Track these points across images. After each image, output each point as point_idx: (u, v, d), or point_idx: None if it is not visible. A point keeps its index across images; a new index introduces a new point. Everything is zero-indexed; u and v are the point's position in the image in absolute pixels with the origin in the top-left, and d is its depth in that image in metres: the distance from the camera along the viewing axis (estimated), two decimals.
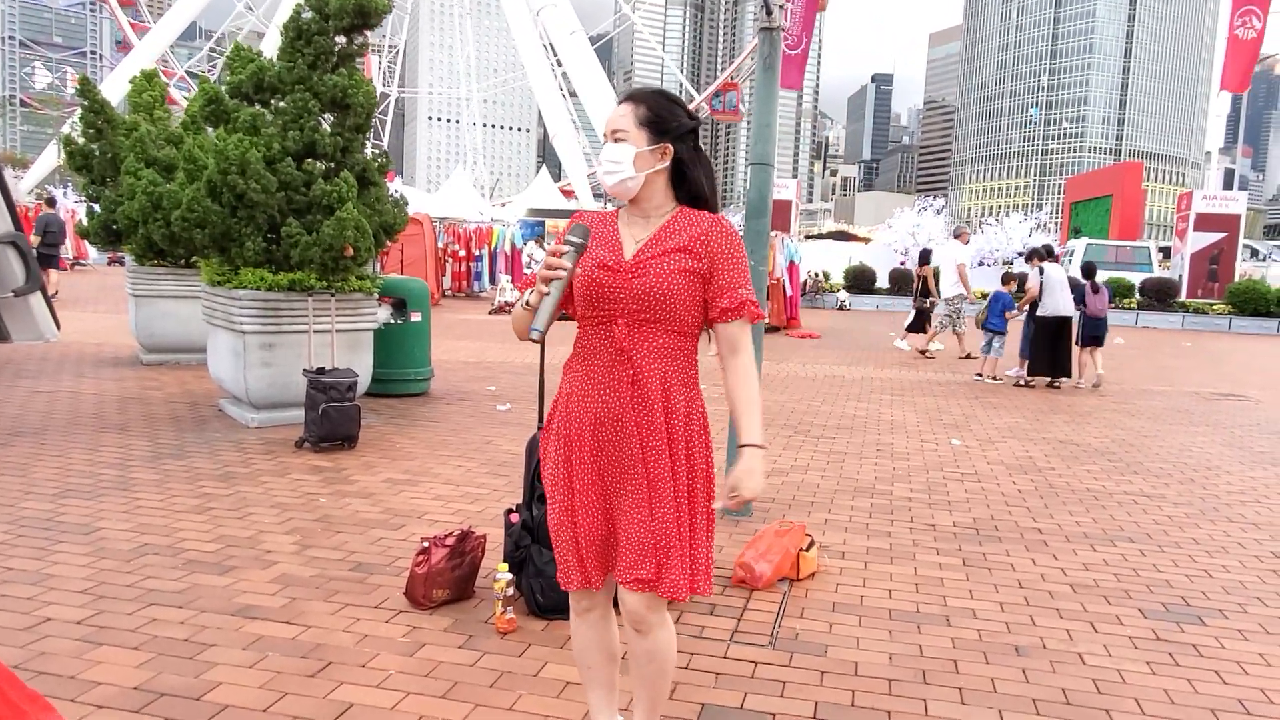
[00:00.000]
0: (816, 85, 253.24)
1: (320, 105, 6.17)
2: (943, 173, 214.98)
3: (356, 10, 6.14)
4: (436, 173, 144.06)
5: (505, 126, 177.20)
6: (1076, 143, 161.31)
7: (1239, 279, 24.51)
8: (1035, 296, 10.03)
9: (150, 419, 6.27)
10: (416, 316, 7.45)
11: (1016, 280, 11.37)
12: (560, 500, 1.99)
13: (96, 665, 2.69)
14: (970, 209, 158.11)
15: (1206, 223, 25.06)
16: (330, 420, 5.47)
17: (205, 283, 6.45)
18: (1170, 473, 6.02)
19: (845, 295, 24.80)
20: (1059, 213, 55.68)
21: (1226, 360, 14.50)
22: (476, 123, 77.60)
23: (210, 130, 6.71)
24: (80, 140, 9.24)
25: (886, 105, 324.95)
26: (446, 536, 3.29)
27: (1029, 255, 10.55)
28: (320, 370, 5.75)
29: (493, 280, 22.19)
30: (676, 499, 1.90)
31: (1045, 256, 10.32)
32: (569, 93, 44.58)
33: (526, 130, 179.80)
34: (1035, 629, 3.30)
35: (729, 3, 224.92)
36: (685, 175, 1.97)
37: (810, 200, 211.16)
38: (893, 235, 34.48)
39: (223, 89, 6.39)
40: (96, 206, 9.10)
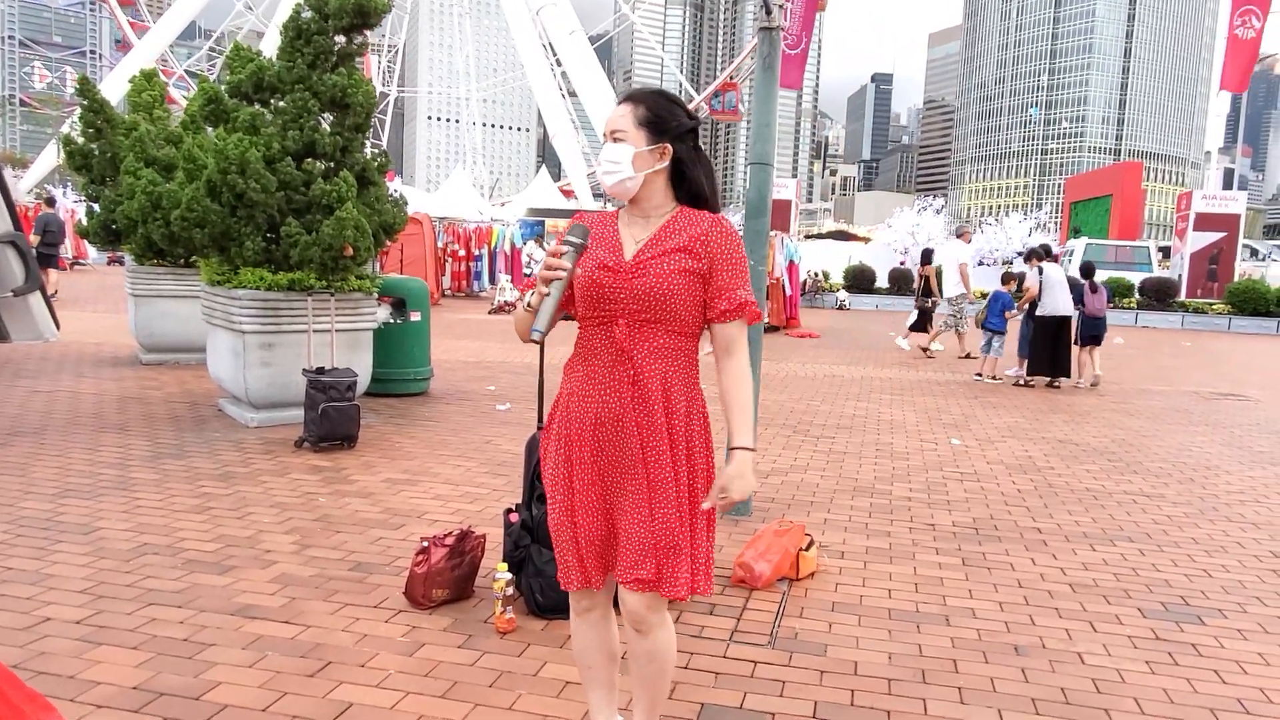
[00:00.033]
0: (816, 85, 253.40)
1: (320, 105, 6.18)
2: (942, 172, 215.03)
3: (356, 10, 6.14)
4: (436, 172, 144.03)
5: (505, 126, 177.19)
6: (1076, 142, 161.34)
7: (1238, 279, 24.54)
8: (1035, 296, 10.04)
9: (150, 419, 6.27)
10: (416, 316, 7.45)
11: (1016, 280, 11.37)
12: (560, 500, 1.99)
13: (96, 665, 2.69)
14: (970, 209, 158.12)
15: (1206, 222, 25.08)
16: (330, 420, 5.47)
17: (205, 282, 6.45)
18: (1170, 472, 6.03)
19: (845, 295, 24.82)
20: (1059, 212, 55.71)
21: (1226, 360, 14.51)
22: (476, 122, 77.58)
23: (210, 130, 6.71)
24: (80, 140, 9.24)
25: (886, 105, 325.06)
26: (446, 536, 3.29)
27: (1028, 255, 10.55)
28: (320, 370, 5.75)
29: (492, 280, 22.19)
30: (678, 499, 1.90)
31: (1044, 256, 10.33)
32: (568, 92, 44.61)
33: (526, 130, 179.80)
34: (1034, 628, 3.31)
35: (728, 2, 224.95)
36: (685, 175, 1.97)
37: (810, 200, 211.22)
38: (892, 235, 34.52)
39: (222, 88, 6.39)
40: (96, 206, 9.10)
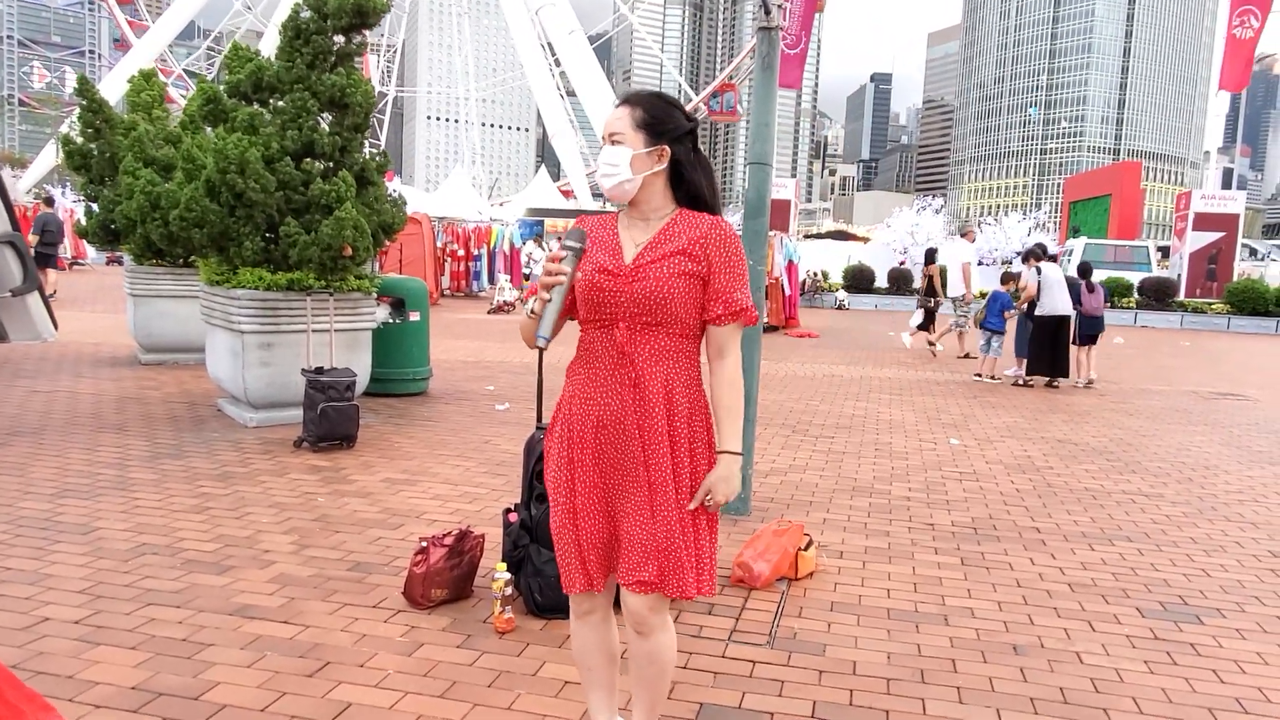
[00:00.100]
0: (815, 85, 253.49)
1: (319, 105, 6.17)
2: (941, 172, 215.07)
3: (355, 9, 6.14)
4: (435, 172, 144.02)
5: (504, 126, 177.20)
6: (1075, 142, 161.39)
7: (1237, 278, 24.55)
8: (1033, 296, 10.04)
9: (148, 419, 6.26)
10: (415, 316, 7.45)
11: (1015, 280, 11.37)
12: (562, 503, 1.99)
13: (94, 665, 2.69)
14: (969, 208, 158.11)
15: (1205, 222, 25.10)
16: (329, 420, 5.46)
17: (203, 282, 6.45)
18: (1168, 472, 6.03)
19: (844, 295, 24.81)
20: (1058, 212, 55.75)
21: (1225, 359, 14.51)
22: (475, 121, 77.59)
23: (209, 130, 6.71)
24: (78, 140, 9.24)
25: (885, 105, 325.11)
26: (445, 536, 3.29)
27: (1025, 256, 10.55)
28: (319, 370, 5.74)
29: (491, 280, 22.19)
30: (679, 501, 1.90)
31: (1041, 256, 10.33)
32: (568, 92, 44.64)
33: (525, 130, 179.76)
34: (1033, 628, 3.31)
35: (728, 2, 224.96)
36: (683, 177, 1.97)
37: (809, 200, 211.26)
38: (891, 235, 34.53)
39: (221, 88, 6.39)
40: (95, 206, 9.10)
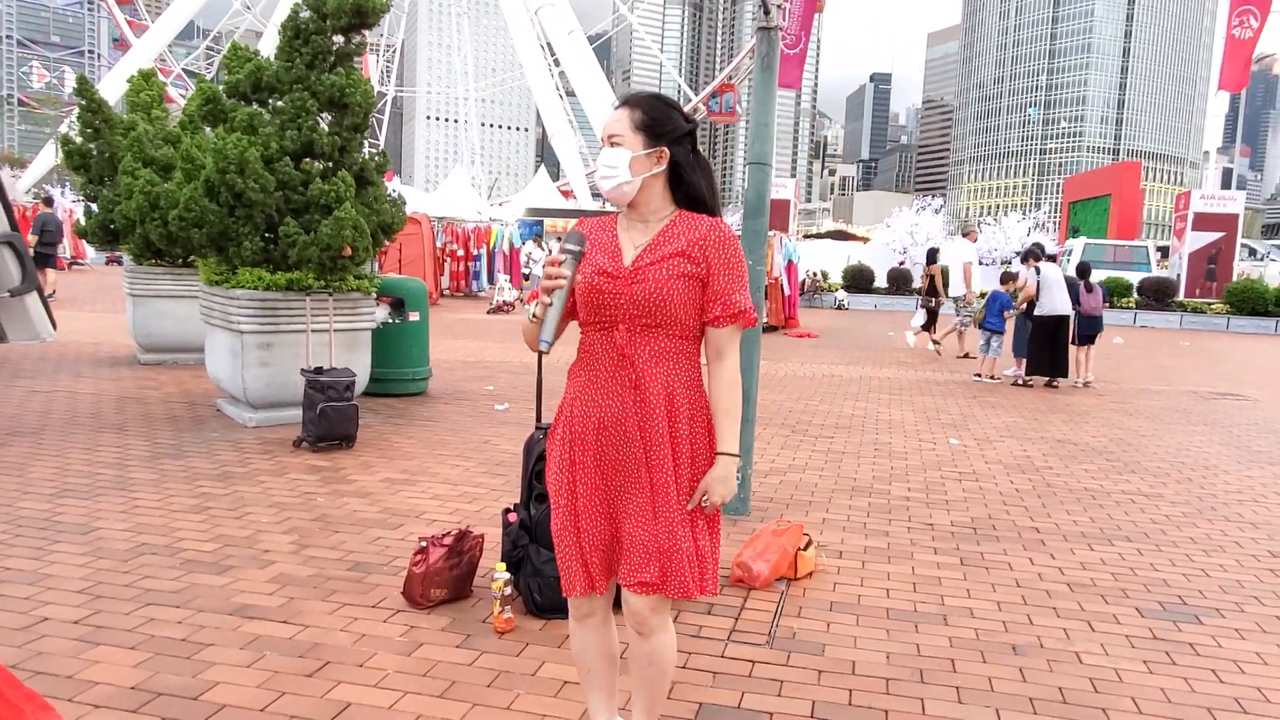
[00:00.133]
0: (815, 85, 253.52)
1: (318, 105, 6.17)
2: (941, 172, 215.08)
3: (354, 9, 6.14)
4: (435, 172, 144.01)
5: (503, 126, 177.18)
6: (1075, 142, 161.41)
7: (1237, 278, 24.56)
8: (1032, 296, 10.04)
9: (148, 419, 6.26)
10: (414, 316, 7.45)
11: (1014, 280, 11.38)
12: (563, 505, 1.99)
13: (94, 665, 2.69)
14: (968, 208, 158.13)
15: (1204, 222, 25.11)
16: (328, 420, 5.46)
17: (203, 282, 6.45)
18: (1168, 472, 6.03)
19: (843, 295, 24.82)
20: (1057, 212, 55.76)
21: (1224, 359, 14.51)
22: (474, 121, 77.59)
23: (208, 130, 6.71)
24: (78, 139, 9.24)
25: (885, 105, 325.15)
26: (444, 536, 3.29)
27: (1024, 256, 10.56)
28: (318, 370, 5.74)
29: (491, 280, 22.20)
30: (681, 502, 1.91)
31: (1040, 256, 10.34)
32: (567, 92, 44.66)
33: (525, 130, 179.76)
34: (1032, 628, 3.31)
35: (727, 2, 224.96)
36: (682, 178, 1.97)
37: (809, 200, 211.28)
38: (891, 235, 34.57)
39: (220, 88, 6.39)
40: (94, 206, 9.10)
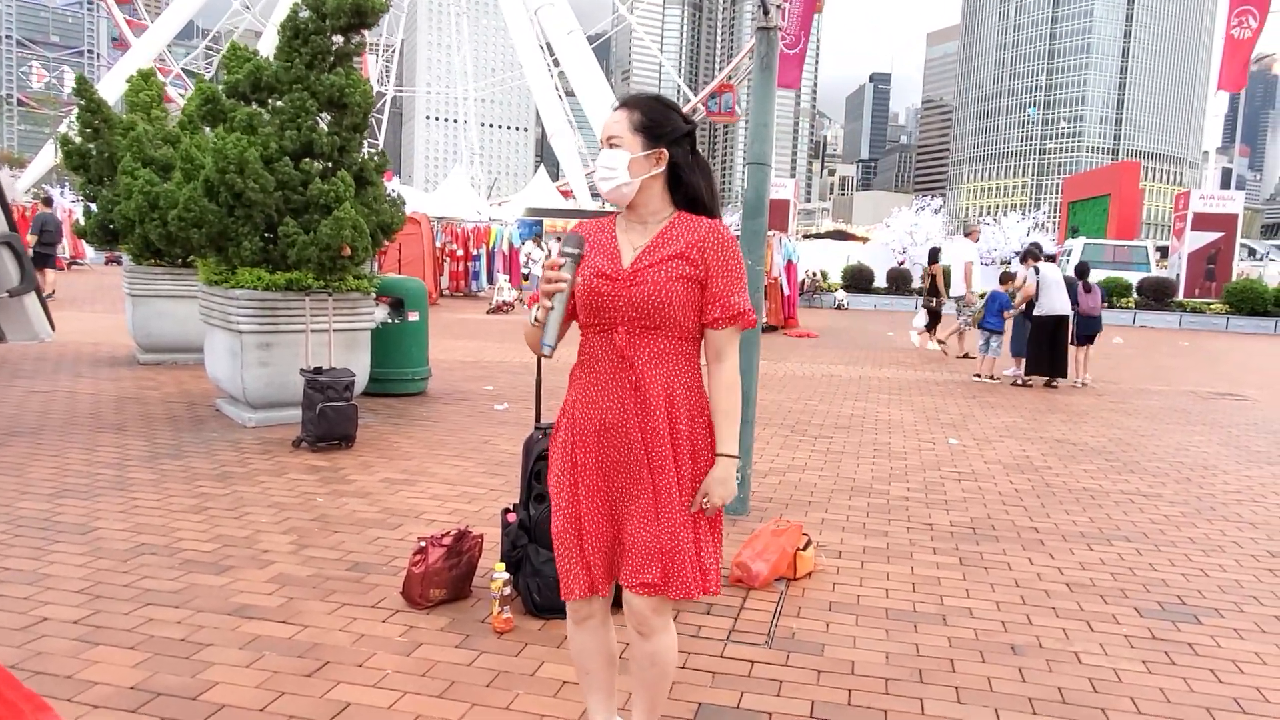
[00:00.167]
0: (814, 85, 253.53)
1: (317, 104, 6.17)
2: (940, 172, 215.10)
3: (353, 9, 6.14)
4: (434, 172, 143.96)
5: (503, 126, 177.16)
6: (1074, 142, 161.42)
7: (1236, 278, 24.58)
8: (1032, 295, 10.05)
9: (147, 419, 6.26)
10: (414, 316, 7.44)
11: (1013, 280, 11.39)
12: (565, 507, 1.98)
13: (93, 665, 2.69)
14: (968, 208, 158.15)
15: (1204, 222, 25.12)
16: (327, 420, 5.46)
17: (202, 282, 6.45)
18: (1167, 472, 6.03)
19: (843, 295, 24.83)
20: (1057, 212, 55.78)
21: (1223, 359, 14.52)
22: (474, 121, 77.55)
23: (207, 130, 6.71)
24: (77, 139, 9.23)
25: (884, 105, 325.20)
26: (443, 536, 3.29)
27: (1023, 256, 10.57)
28: (317, 370, 5.74)
29: (490, 280, 22.20)
30: (683, 503, 1.91)
31: (1039, 256, 10.36)
32: (566, 92, 44.67)
33: (524, 130, 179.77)
34: (1032, 628, 3.31)
35: (727, 2, 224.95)
36: (682, 180, 1.97)
37: (808, 200, 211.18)
38: (891, 235, 34.59)
39: (219, 88, 6.38)
40: (93, 206, 9.10)
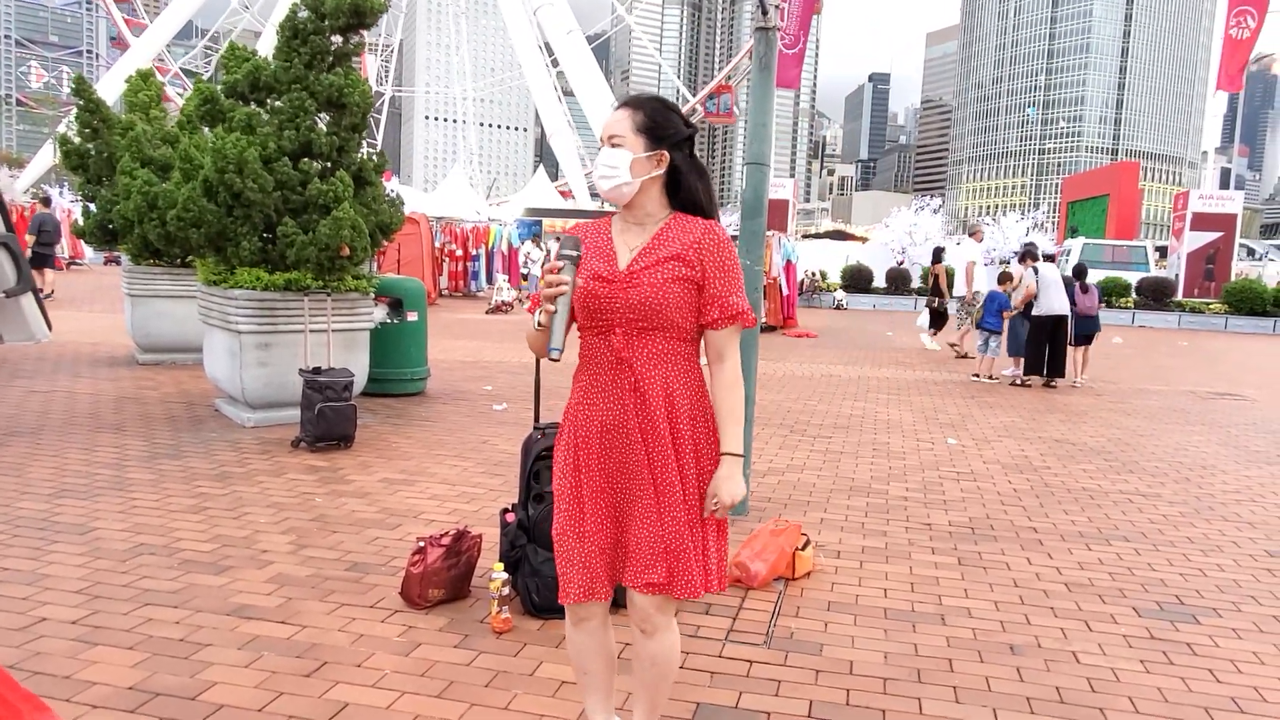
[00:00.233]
0: (814, 85, 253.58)
1: (316, 104, 6.17)
2: (940, 172, 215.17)
3: (352, 9, 6.14)
4: (434, 172, 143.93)
5: (502, 126, 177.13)
6: (1073, 142, 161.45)
7: (1235, 278, 24.59)
8: (1034, 294, 10.04)
9: (146, 419, 6.26)
10: (413, 316, 7.44)
11: (1012, 281, 11.39)
12: (567, 509, 1.98)
13: (92, 665, 2.69)
14: (967, 208, 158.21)
15: (1203, 222, 25.13)
16: (326, 420, 5.46)
17: (201, 282, 6.44)
18: (1166, 472, 6.04)
19: (842, 294, 24.83)
20: (1056, 212, 55.80)
21: (1223, 359, 14.53)
22: (473, 121, 77.52)
23: (206, 130, 6.71)
24: (76, 139, 9.23)
25: (884, 105, 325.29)
26: (442, 536, 3.29)
27: (1022, 256, 10.57)
28: (316, 370, 5.74)
29: (489, 280, 22.20)
30: (686, 502, 1.91)
31: (1037, 256, 10.37)
32: (565, 92, 44.69)
33: (524, 130, 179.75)
34: (1030, 628, 3.31)
35: (726, 2, 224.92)
36: (680, 183, 1.98)
37: (807, 200, 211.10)
38: (890, 235, 34.61)
39: (218, 88, 6.38)
40: (92, 206, 9.10)
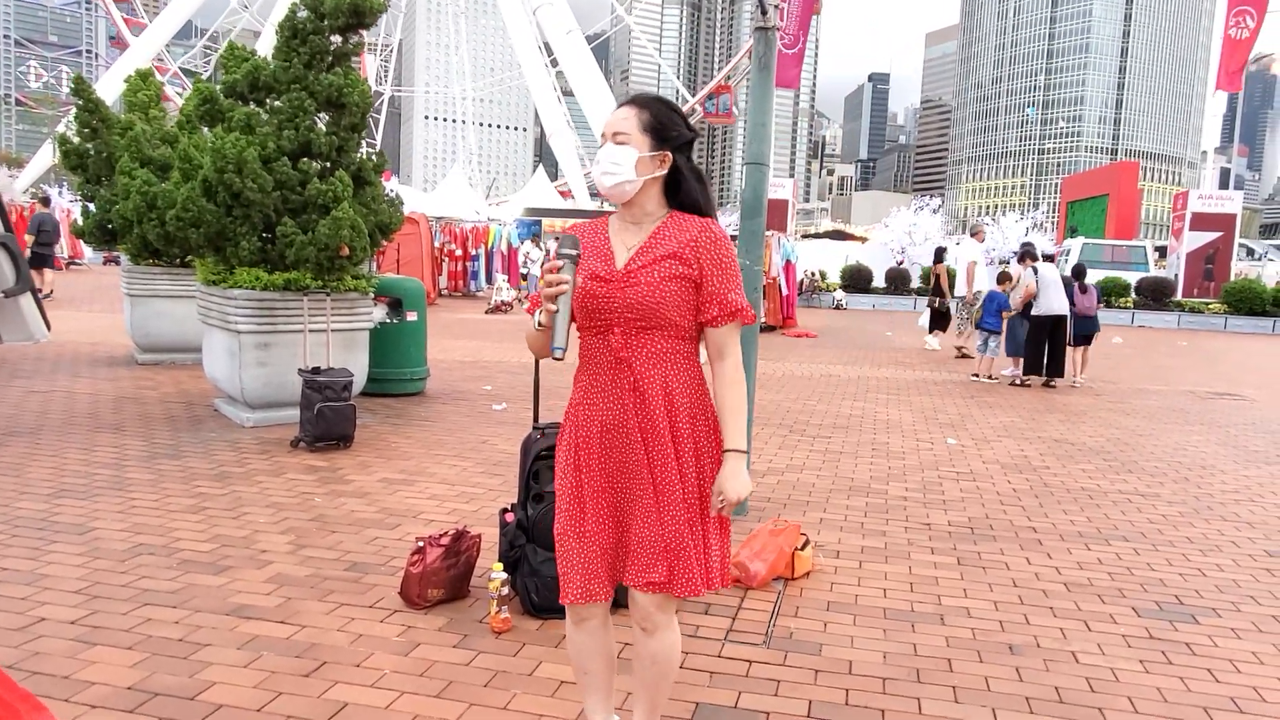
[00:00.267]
0: (813, 85, 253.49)
1: (316, 104, 6.17)
2: (939, 172, 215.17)
3: (351, 9, 6.13)
4: (433, 172, 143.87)
5: (501, 126, 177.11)
6: (1073, 142, 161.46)
7: (1235, 278, 24.60)
8: (1033, 295, 10.04)
9: (145, 419, 6.25)
10: (412, 316, 7.44)
11: (1010, 281, 11.40)
12: (568, 509, 1.98)
13: (91, 665, 2.69)
14: (967, 208, 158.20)
15: (1202, 222, 25.14)
16: (325, 420, 5.46)
17: (200, 282, 6.44)
18: (1165, 471, 6.04)
19: (842, 294, 24.83)
20: (1055, 212, 55.81)
21: (1222, 359, 14.53)
22: (472, 121, 77.50)
23: (205, 130, 6.71)
24: (75, 139, 9.23)
25: (883, 105, 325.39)
26: (441, 536, 3.29)
27: (1021, 256, 10.58)
28: (315, 370, 5.74)
29: (489, 280, 22.20)
30: (686, 501, 1.91)
31: (1036, 256, 10.37)
32: (565, 92, 44.69)
33: (523, 130, 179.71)
34: (1029, 628, 3.31)
35: (725, 2, 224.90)
36: (680, 185, 1.98)
37: (807, 200, 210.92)
38: (889, 234, 34.65)
39: (217, 88, 6.38)
40: (91, 206, 9.09)
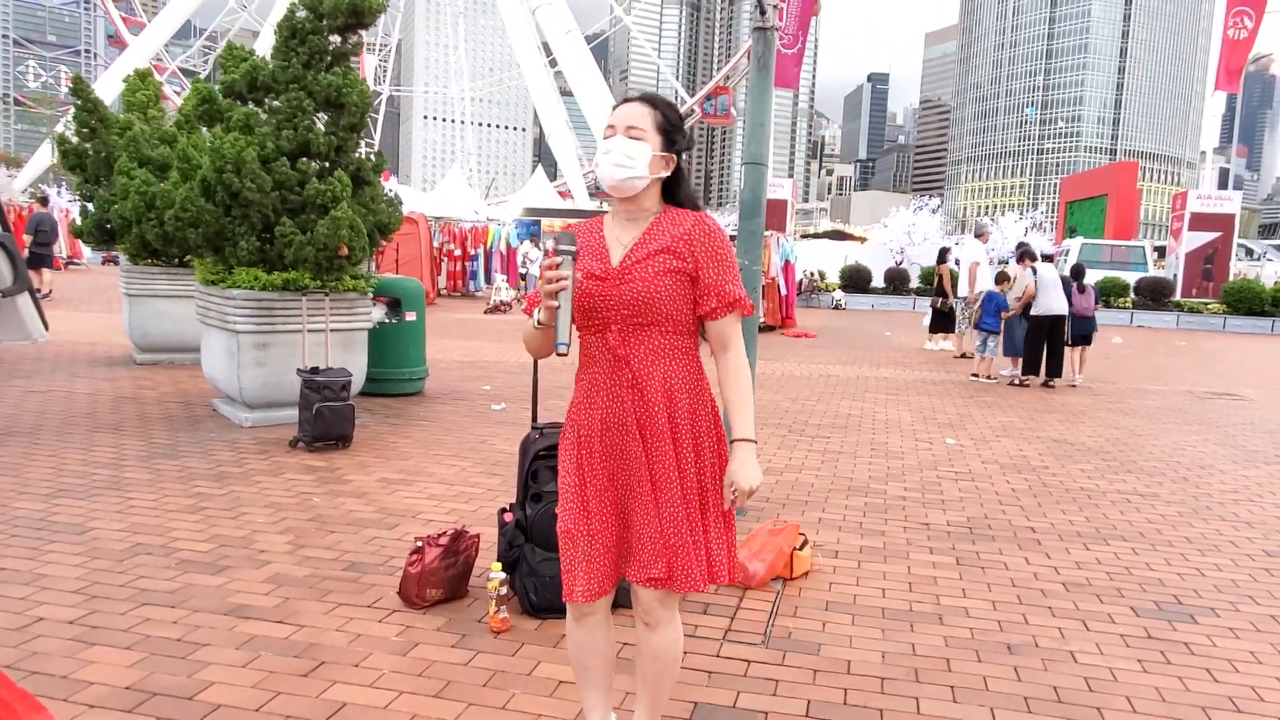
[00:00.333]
0: (812, 85, 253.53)
1: (314, 104, 6.17)
2: (938, 172, 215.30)
3: (350, 9, 6.13)
4: (432, 172, 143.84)
5: (501, 126, 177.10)
6: (1072, 142, 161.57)
7: (1233, 278, 24.63)
8: (1032, 295, 10.04)
9: (144, 419, 6.25)
10: (411, 316, 7.44)
11: (1009, 281, 11.40)
12: (571, 507, 1.98)
13: (89, 665, 2.69)
14: (966, 208, 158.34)
15: (1201, 222, 25.17)
16: (324, 420, 5.46)
17: (199, 282, 6.44)
18: (1164, 471, 6.04)
19: (841, 294, 24.85)
20: (1054, 212, 55.85)
21: (1221, 359, 14.54)
22: (471, 121, 77.50)
23: (204, 130, 6.71)
24: (74, 139, 9.22)
25: (882, 105, 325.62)
26: (440, 536, 3.29)
27: (1020, 256, 10.58)
28: (314, 370, 5.74)
29: (488, 279, 22.20)
30: (685, 497, 1.91)
31: (1034, 256, 10.38)
32: (564, 92, 44.71)
33: (522, 129, 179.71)
34: (1028, 627, 3.31)
35: (725, 2, 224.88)
36: (679, 189, 2.00)
37: (806, 200, 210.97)
38: (888, 235, 34.68)
39: (216, 88, 6.38)
40: (90, 205, 9.09)
